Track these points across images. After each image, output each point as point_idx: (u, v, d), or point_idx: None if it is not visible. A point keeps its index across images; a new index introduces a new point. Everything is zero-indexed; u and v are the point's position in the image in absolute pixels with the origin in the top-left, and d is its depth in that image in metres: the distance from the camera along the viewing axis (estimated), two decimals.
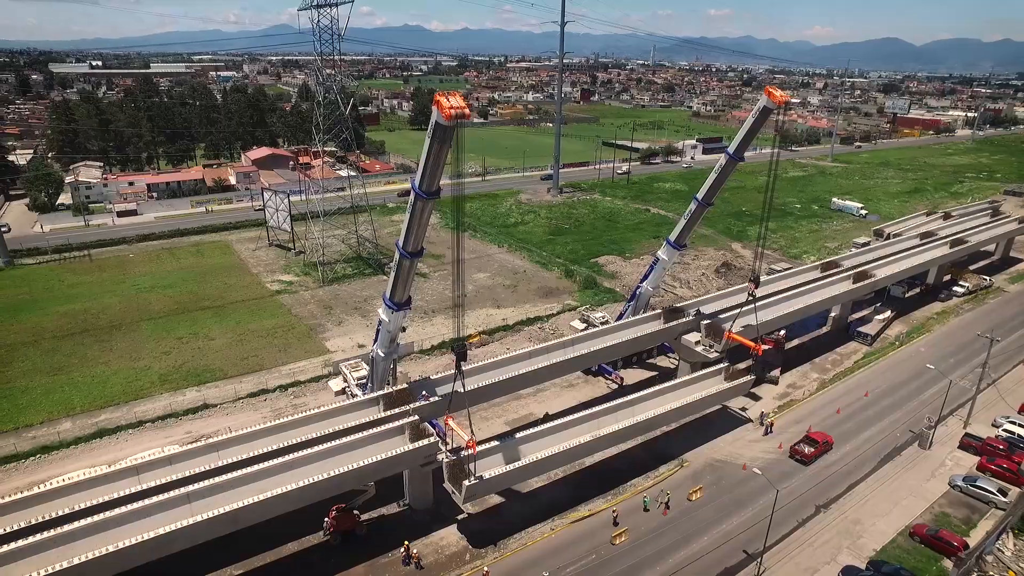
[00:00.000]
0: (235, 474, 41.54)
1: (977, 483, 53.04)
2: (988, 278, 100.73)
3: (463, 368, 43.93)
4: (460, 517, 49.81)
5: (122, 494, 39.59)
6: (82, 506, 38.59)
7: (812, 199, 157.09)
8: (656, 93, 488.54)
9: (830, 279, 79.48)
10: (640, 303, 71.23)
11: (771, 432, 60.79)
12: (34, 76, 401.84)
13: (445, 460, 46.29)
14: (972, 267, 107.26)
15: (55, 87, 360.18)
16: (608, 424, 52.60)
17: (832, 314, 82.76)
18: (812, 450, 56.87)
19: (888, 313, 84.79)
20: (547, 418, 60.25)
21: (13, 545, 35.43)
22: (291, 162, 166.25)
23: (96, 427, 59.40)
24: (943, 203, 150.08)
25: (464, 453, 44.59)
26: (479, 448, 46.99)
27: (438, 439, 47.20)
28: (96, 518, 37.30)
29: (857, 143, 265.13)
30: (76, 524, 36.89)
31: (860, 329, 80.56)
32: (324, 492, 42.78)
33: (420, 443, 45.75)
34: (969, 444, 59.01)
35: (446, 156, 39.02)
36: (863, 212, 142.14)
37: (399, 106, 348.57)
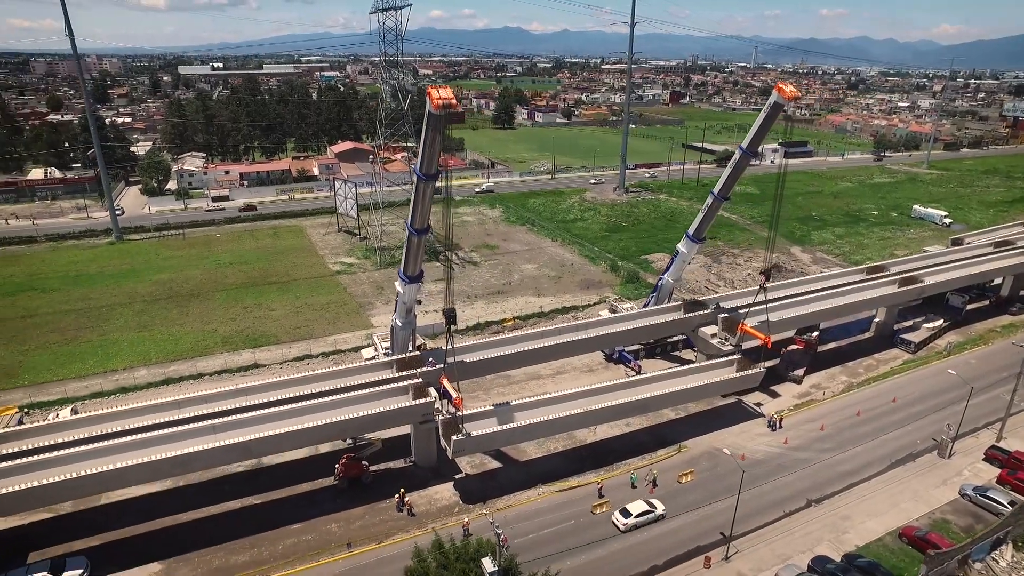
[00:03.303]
0: (256, 413, 48.07)
1: (987, 493, 51.12)
2: None
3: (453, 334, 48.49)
4: (458, 476, 54.07)
5: (162, 420, 47.01)
6: (130, 427, 46.24)
7: (892, 206, 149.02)
8: (750, 96, 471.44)
9: (871, 282, 77.06)
10: (662, 294, 72.67)
11: (779, 428, 60.82)
12: (165, 78, 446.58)
13: (441, 418, 50.78)
14: None
15: (180, 87, 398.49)
16: (604, 401, 55.09)
17: (876, 319, 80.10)
18: None
19: (939, 322, 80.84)
20: None
21: (71, 451, 43.51)
22: (370, 155, 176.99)
23: (164, 376, 68.79)
24: None
25: (453, 410, 48.99)
26: (476, 411, 51.40)
27: (435, 398, 51.65)
28: (139, 436, 44.90)
29: (964, 148, 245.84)
30: (123, 439, 44.56)
31: (904, 336, 77.47)
32: (327, 435, 48.54)
33: (419, 401, 50.49)
34: (994, 457, 56.52)
35: (441, 142, 43.45)
36: (947, 221, 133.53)
37: (486, 106, 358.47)
